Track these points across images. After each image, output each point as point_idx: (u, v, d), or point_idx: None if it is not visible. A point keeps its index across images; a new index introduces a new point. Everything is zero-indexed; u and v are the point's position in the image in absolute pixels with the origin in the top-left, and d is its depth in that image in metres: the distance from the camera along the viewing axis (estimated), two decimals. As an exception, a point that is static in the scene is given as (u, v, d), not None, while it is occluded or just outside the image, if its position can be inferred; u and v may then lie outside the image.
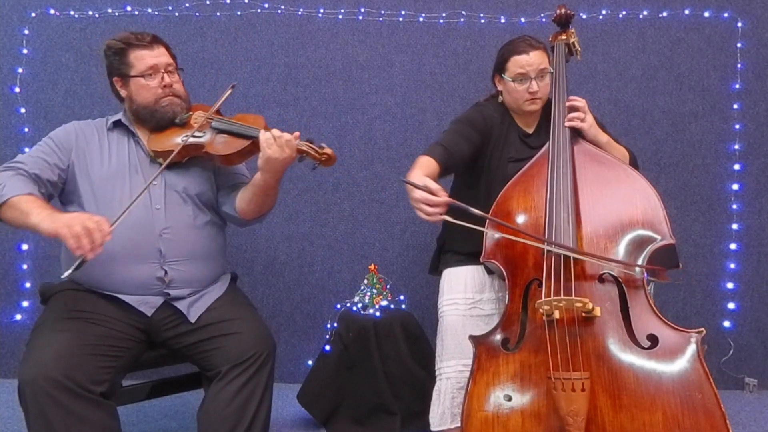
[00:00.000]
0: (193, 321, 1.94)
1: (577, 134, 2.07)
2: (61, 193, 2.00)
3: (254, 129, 2.01)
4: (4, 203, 1.78)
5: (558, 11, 2.31)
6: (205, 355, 1.92)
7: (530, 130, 2.27)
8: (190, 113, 2.11)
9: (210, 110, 2.09)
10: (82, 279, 1.93)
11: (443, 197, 1.76)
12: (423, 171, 1.90)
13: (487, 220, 1.91)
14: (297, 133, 1.96)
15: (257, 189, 2.02)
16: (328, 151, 2.01)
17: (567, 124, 2.05)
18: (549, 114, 2.16)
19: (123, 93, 2.07)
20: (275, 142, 1.91)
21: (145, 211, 1.94)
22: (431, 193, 1.74)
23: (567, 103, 2.09)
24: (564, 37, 2.30)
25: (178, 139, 2.02)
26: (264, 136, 1.94)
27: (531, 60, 2.12)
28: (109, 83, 2.10)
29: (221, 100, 2.10)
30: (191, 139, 2.00)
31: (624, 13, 3.12)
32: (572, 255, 1.78)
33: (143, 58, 2.02)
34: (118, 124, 2.09)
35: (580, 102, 2.09)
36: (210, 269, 2.06)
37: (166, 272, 1.93)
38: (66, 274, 1.66)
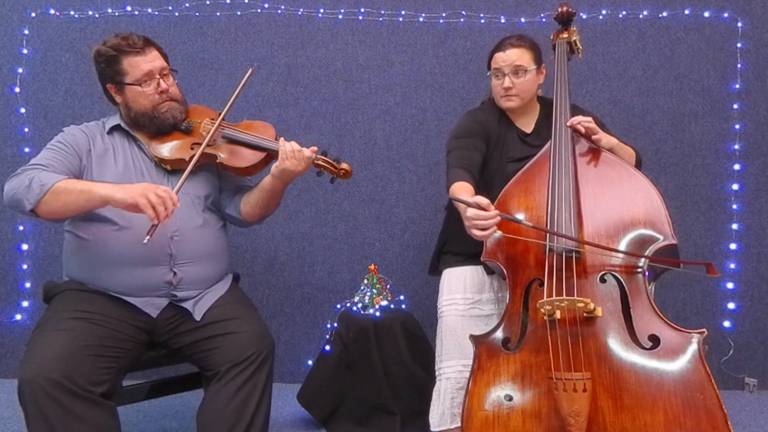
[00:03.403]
0: (198, 319, 1.94)
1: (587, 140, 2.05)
2: None
3: (272, 142, 2.05)
4: (48, 191, 1.74)
5: (559, 9, 2.32)
6: (204, 355, 1.92)
7: (529, 130, 2.28)
8: (197, 121, 2.09)
9: (222, 113, 2.09)
10: (89, 279, 1.92)
11: (494, 212, 1.75)
12: (467, 195, 1.90)
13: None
14: (314, 148, 2.03)
15: (265, 193, 2.08)
16: (345, 166, 2.09)
17: (581, 126, 2.00)
18: (548, 113, 2.17)
19: (118, 99, 2.04)
20: (294, 156, 1.98)
21: None
22: (482, 209, 1.74)
23: (569, 123, 2.04)
24: (565, 36, 2.30)
25: (187, 149, 2.02)
26: (285, 148, 1.99)
27: (505, 57, 2.17)
28: (102, 89, 2.06)
29: (242, 82, 2.10)
30: (206, 150, 2.01)
31: (624, 13, 3.12)
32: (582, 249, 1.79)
33: (137, 64, 1.97)
34: (116, 129, 2.06)
35: (584, 119, 2.02)
36: (216, 269, 2.07)
37: (174, 273, 1.93)
38: (146, 239, 1.70)
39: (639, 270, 1.78)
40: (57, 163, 1.88)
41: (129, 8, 3.16)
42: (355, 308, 2.63)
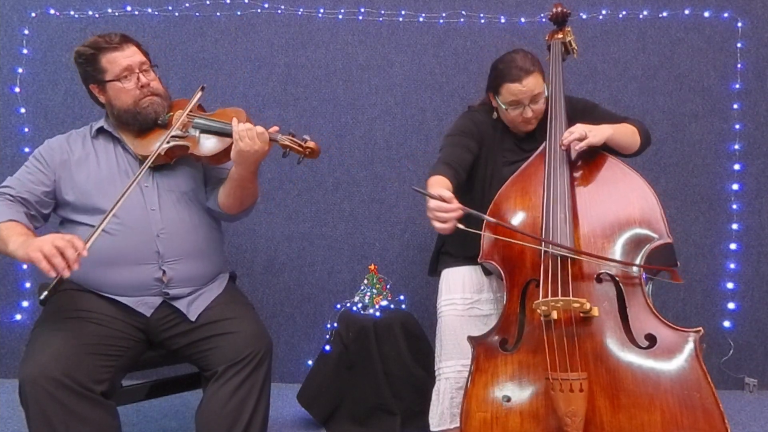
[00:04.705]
0: (193, 319, 1.93)
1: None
2: (55, 208, 2.00)
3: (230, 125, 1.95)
4: None
5: (554, 10, 2.31)
6: (202, 355, 1.92)
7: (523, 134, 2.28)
8: (171, 114, 2.05)
9: (185, 109, 2.03)
10: (81, 281, 1.93)
11: (456, 204, 1.76)
12: (439, 188, 1.89)
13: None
14: (275, 128, 1.94)
15: (234, 182, 2.00)
16: (311, 144, 1.95)
17: (566, 144, 1.95)
18: (544, 116, 2.16)
19: (102, 99, 2.03)
20: (246, 135, 1.88)
21: (141, 214, 1.94)
22: (444, 201, 1.75)
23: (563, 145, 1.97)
24: (560, 36, 2.30)
25: (160, 142, 1.98)
26: (236, 129, 1.90)
27: (524, 88, 2.08)
28: (87, 91, 2.06)
29: (191, 103, 2.04)
30: (173, 142, 1.96)
31: (624, 13, 3.12)
32: (573, 256, 1.79)
33: (116, 60, 1.96)
34: (101, 131, 2.06)
35: (571, 135, 1.93)
36: (208, 266, 2.06)
37: (164, 272, 1.93)
38: (43, 295, 1.61)
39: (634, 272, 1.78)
40: (26, 184, 1.93)
41: (129, 8, 3.17)
42: (355, 308, 2.64)
